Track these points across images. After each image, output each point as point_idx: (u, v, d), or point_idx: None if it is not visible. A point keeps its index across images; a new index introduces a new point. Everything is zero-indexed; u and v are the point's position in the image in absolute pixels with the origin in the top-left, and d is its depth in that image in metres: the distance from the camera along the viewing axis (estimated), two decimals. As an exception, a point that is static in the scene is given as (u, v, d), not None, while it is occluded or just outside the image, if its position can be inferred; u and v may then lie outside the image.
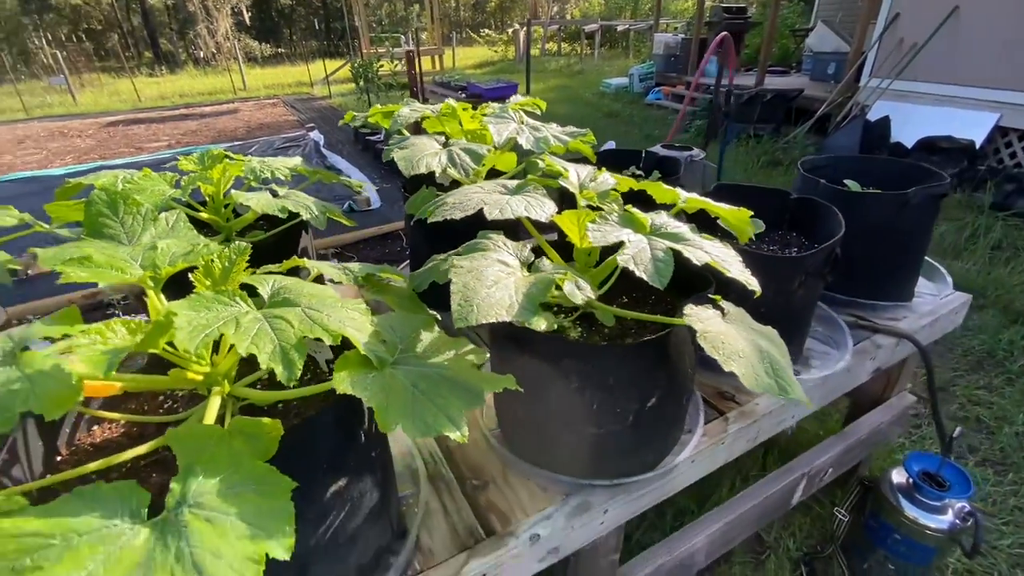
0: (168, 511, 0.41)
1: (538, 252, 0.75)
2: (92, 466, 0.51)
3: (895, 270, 1.26)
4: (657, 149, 1.84)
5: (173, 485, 0.43)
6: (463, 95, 7.27)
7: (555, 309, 0.81)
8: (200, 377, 0.58)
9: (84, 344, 0.46)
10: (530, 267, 0.66)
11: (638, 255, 0.61)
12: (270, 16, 28.41)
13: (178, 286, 0.62)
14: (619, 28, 15.09)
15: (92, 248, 0.62)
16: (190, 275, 0.58)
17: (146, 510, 0.42)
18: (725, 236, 0.80)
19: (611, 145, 5.14)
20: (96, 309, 1.46)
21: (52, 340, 0.51)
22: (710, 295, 0.70)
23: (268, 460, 0.47)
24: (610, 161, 1.57)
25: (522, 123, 1.12)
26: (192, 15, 19.80)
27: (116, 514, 0.41)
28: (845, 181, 1.32)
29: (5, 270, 0.76)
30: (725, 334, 0.61)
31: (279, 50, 24.84)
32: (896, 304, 1.29)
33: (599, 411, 0.73)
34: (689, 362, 0.78)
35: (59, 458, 0.60)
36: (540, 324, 0.70)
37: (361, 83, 6.19)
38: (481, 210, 0.68)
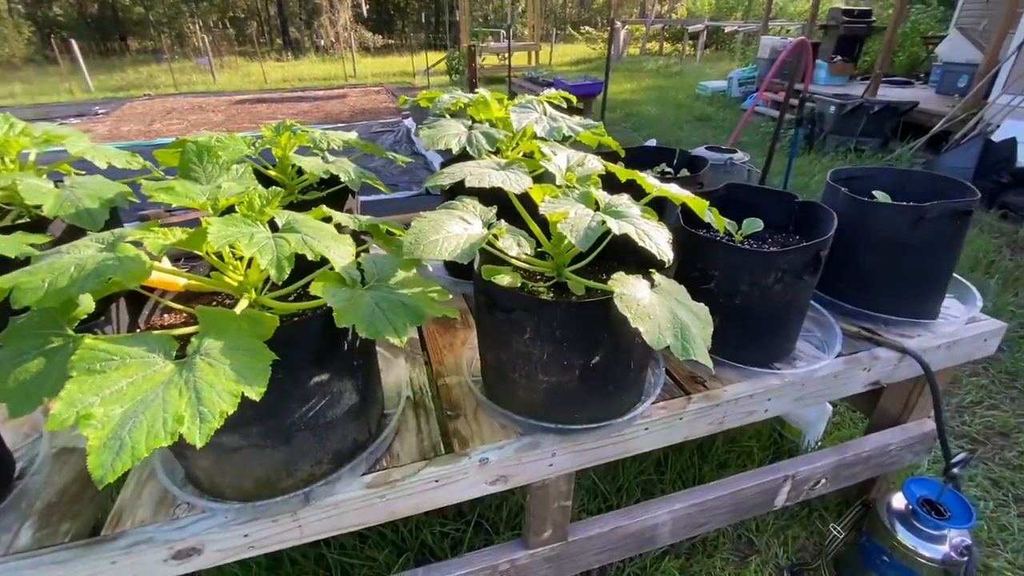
0: (187, 357, 0.61)
1: (519, 223, 0.88)
2: (154, 334, 0.72)
3: (913, 285, 1.23)
4: (699, 150, 1.87)
5: (193, 340, 0.62)
6: (548, 90, 7.39)
7: (537, 277, 0.94)
8: (235, 283, 0.78)
9: (150, 238, 0.67)
10: (489, 226, 0.80)
11: (576, 223, 0.72)
12: (387, 10, 30.25)
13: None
14: (726, 29, 14.40)
15: (177, 183, 0.84)
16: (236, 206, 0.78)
17: (175, 353, 0.62)
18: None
19: (652, 142, 5.05)
20: (190, 258, 1.77)
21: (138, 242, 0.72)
22: (649, 271, 0.80)
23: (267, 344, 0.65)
24: (642, 157, 1.64)
25: (544, 114, 1.25)
26: (318, 6, 21.61)
27: (156, 352, 0.61)
28: (874, 193, 1.30)
29: (126, 197, 1.04)
30: (641, 299, 0.71)
31: (390, 41, 26.37)
32: (913, 321, 1.26)
33: (548, 362, 0.85)
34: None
35: (137, 331, 0.83)
36: (504, 279, 0.84)
37: (455, 75, 6.54)
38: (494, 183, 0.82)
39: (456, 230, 0.74)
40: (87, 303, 0.71)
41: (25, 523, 0.79)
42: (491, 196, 0.84)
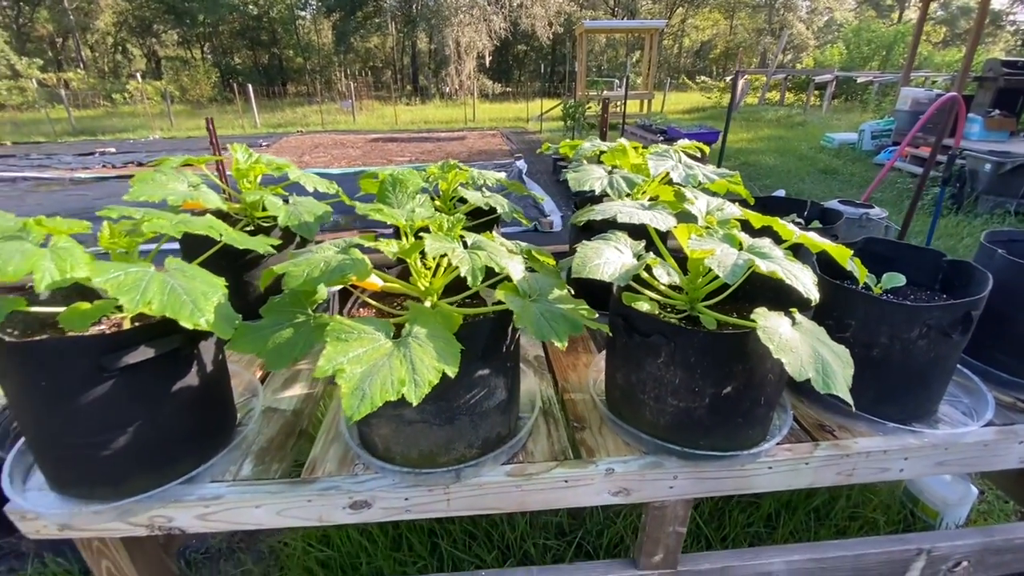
0: (402, 338, 0.78)
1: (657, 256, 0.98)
2: (379, 319, 0.92)
3: (1086, 360, 1.13)
4: (832, 203, 1.84)
5: (406, 326, 0.79)
6: (661, 138, 7.46)
7: (668, 309, 1.03)
8: (423, 288, 0.97)
9: (385, 245, 0.86)
10: (639, 258, 0.91)
11: (722, 260, 0.81)
12: (506, 60, 32.48)
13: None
14: (859, 79, 13.58)
15: (382, 207, 1.06)
16: (429, 227, 0.97)
17: (392, 334, 0.79)
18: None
19: (781, 193, 4.84)
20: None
21: (362, 245, 0.93)
22: (790, 311, 0.85)
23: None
24: (772, 206, 1.67)
25: (679, 162, 1.35)
26: (447, 58, 23.84)
27: (380, 331, 0.78)
28: (1038, 256, 1.22)
29: (328, 215, 1.31)
30: (784, 334, 0.77)
31: (507, 89, 28.22)
32: (1086, 400, 1.14)
33: (679, 386, 0.93)
34: (771, 367, 0.91)
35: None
36: (643, 305, 0.94)
37: (569, 122, 6.89)
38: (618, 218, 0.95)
39: (613, 257, 0.86)
40: (322, 292, 0.93)
41: (246, 460, 1.01)
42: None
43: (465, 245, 0.90)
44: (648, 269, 0.88)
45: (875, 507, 1.65)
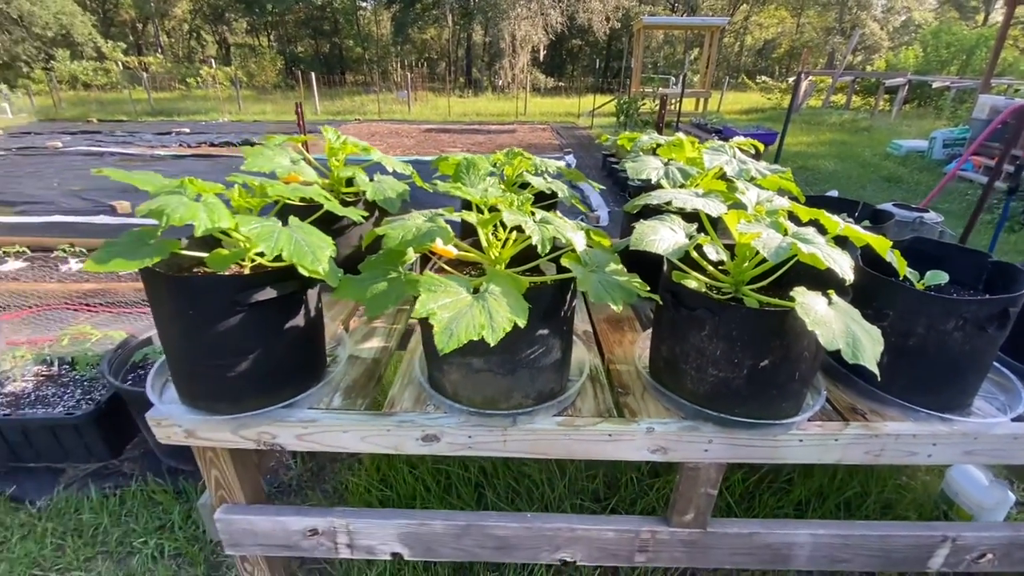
0: (479, 293, 0.92)
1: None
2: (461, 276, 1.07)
3: None
4: (886, 205, 1.86)
5: (484, 284, 0.93)
6: (716, 137, 7.36)
7: (714, 291, 1.13)
8: (492, 256, 1.11)
9: (466, 215, 1.01)
10: (690, 238, 1.01)
11: (768, 242, 0.90)
12: (560, 55, 32.33)
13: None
14: (934, 85, 12.81)
15: (460, 185, 1.20)
16: (498, 206, 1.11)
17: (471, 290, 0.93)
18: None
19: (834, 193, 4.76)
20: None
21: (444, 216, 1.08)
22: (827, 291, 0.94)
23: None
24: (823, 205, 1.71)
25: (734, 157, 1.43)
26: (501, 51, 24.02)
27: (462, 286, 0.93)
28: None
29: (407, 193, 1.46)
30: (819, 310, 0.86)
31: (559, 83, 28.13)
32: None
33: (720, 358, 1.03)
34: (806, 345, 1.00)
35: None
36: (691, 282, 1.05)
37: (622, 117, 6.91)
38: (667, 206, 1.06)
39: (667, 235, 0.97)
40: (410, 254, 1.08)
41: (336, 394, 1.18)
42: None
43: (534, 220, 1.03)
44: (699, 248, 0.98)
45: (907, 504, 1.68)
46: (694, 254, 1.05)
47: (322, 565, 1.52)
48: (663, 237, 0.96)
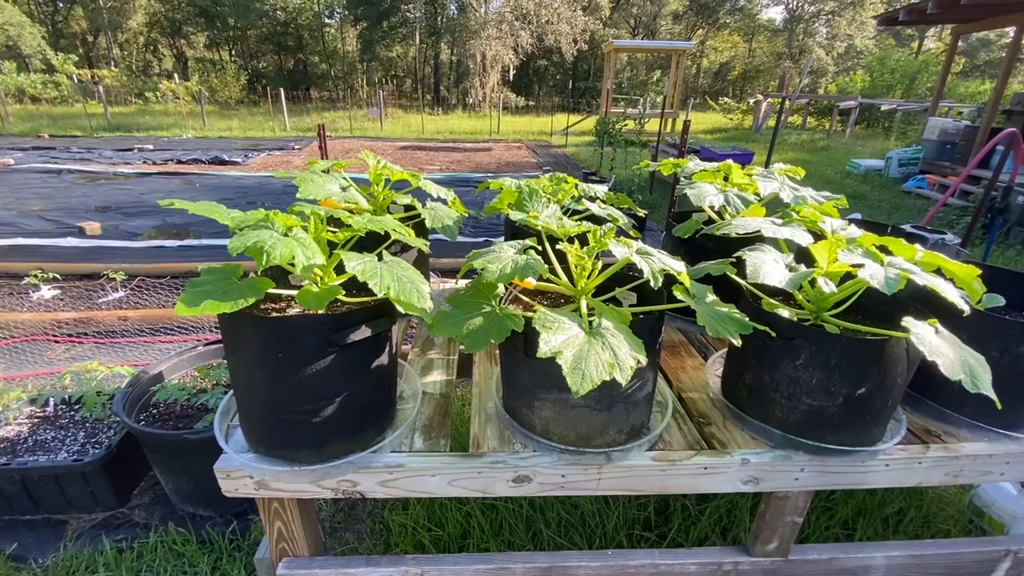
0: (592, 329, 0.89)
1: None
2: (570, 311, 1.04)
3: None
4: (906, 226, 1.95)
5: (593, 319, 0.91)
6: (695, 157, 7.60)
7: (796, 319, 1.14)
8: (580, 287, 1.08)
9: (567, 248, 0.98)
10: (790, 269, 1.02)
11: (874, 273, 0.92)
12: (527, 75, 32.94)
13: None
14: (883, 107, 13.69)
15: (537, 215, 1.18)
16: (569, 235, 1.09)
17: (584, 325, 0.91)
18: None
19: (857, 216, 4.96)
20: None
21: (534, 248, 1.05)
22: (930, 321, 0.96)
23: (632, 325, 0.92)
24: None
25: (784, 184, 1.47)
26: (469, 70, 24.26)
27: (573, 321, 0.90)
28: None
29: (461, 219, 1.43)
30: (933, 341, 0.88)
31: (528, 102, 28.61)
32: None
33: (815, 386, 1.03)
34: (900, 371, 1.02)
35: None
36: (784, 311, 1.05)
37: (604, 137, 7.08)
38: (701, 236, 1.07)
39: (775, 267, 0.97)
40: (500, 288, 1.05)
41: (415, 435, 1.12)
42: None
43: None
44: (811, 280, 0.99)
45: (945, 519, 1.73)
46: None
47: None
48: (773, 270, 0.96)
